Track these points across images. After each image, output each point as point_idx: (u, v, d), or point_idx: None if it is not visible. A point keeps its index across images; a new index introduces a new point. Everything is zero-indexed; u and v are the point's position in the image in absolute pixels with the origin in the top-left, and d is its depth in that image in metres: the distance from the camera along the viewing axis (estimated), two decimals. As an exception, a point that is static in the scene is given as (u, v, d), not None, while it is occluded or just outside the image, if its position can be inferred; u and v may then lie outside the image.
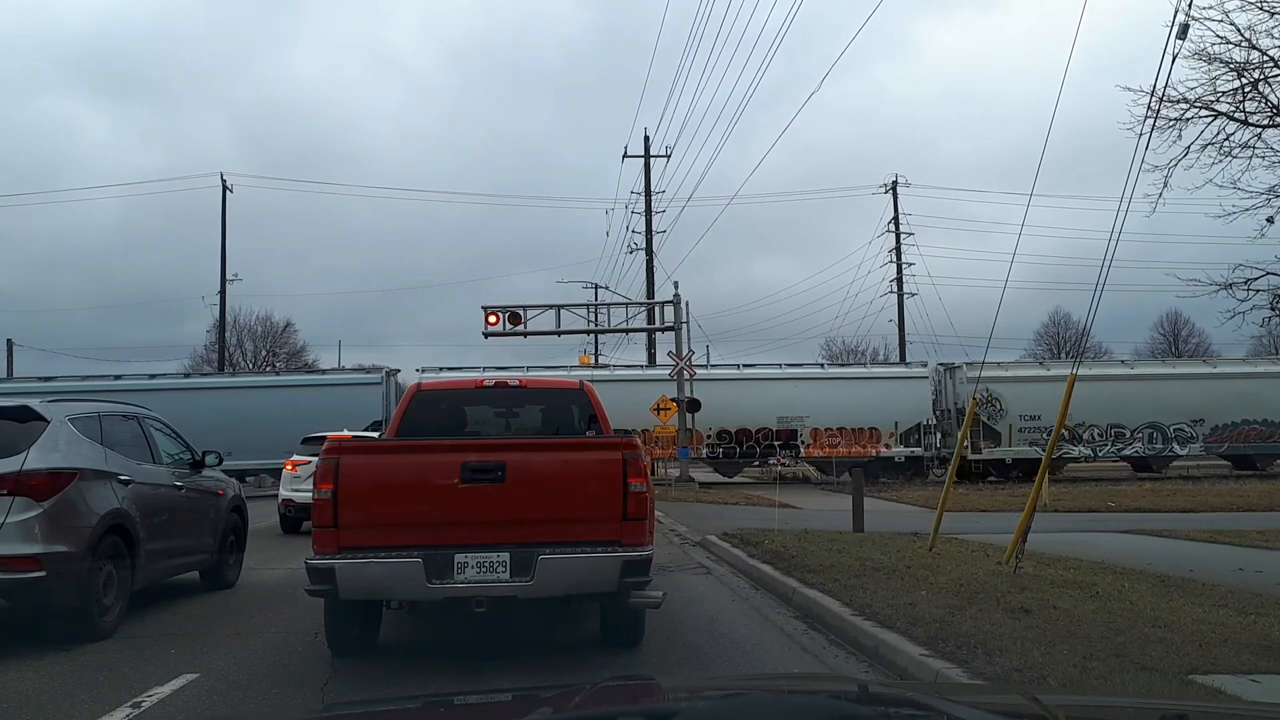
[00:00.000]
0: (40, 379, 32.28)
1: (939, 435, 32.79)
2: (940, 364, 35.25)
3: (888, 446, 32.21)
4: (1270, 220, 15.82)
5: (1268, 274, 16.49)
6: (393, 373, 31.75)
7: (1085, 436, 32.58)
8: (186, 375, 36.96)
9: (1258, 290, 16.53)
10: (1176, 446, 32.83)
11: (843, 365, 36.98)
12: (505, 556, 6.01)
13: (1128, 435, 32.76)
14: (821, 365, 34.52)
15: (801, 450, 32.68)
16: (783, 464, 32.01)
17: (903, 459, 32.37)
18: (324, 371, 34.44)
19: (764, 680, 4.54)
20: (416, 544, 6.02)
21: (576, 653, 6.96)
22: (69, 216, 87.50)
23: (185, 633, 7.66)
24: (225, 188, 43.40)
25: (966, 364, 33.81)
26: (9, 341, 48.29)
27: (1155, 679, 5.20)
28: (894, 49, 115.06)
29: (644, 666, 6.42)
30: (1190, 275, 17.76)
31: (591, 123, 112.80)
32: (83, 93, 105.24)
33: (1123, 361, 38.02)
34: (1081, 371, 34.42)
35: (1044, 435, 32.10)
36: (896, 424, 32.06)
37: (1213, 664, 5.55)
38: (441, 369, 30.54)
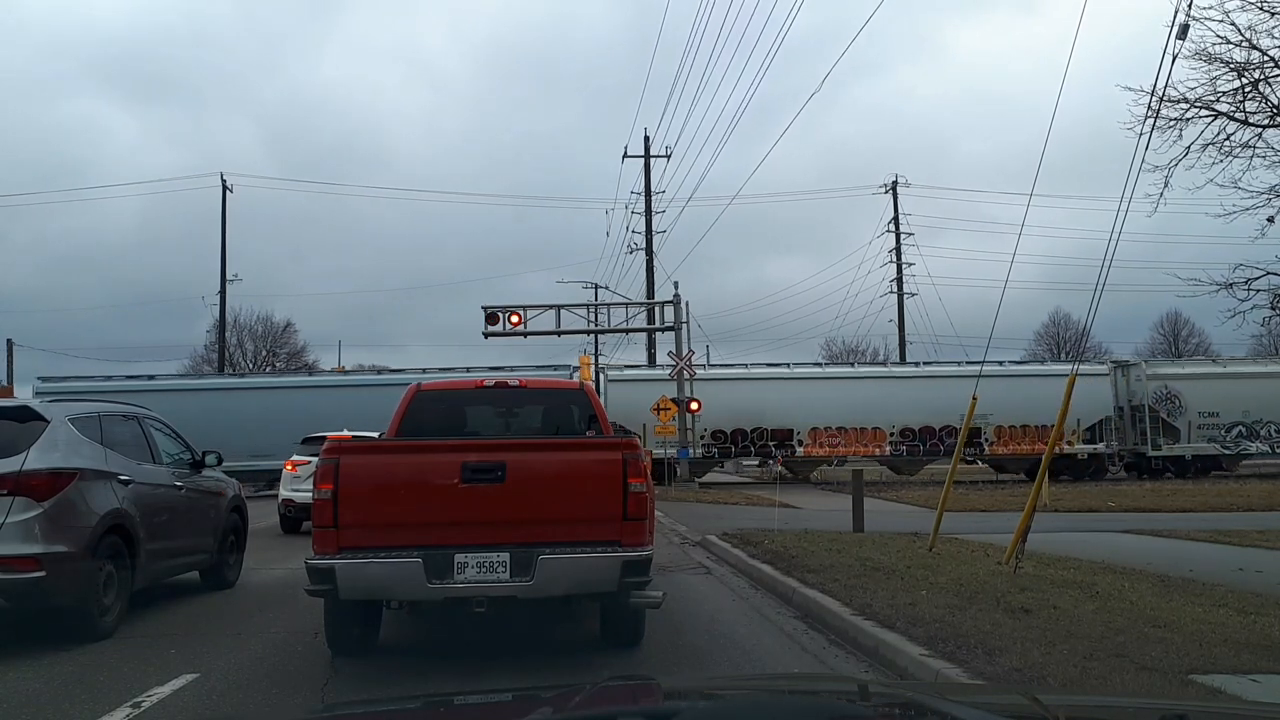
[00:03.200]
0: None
1: (1115, 433, 32.88)
2: (1114, 361, 35.17)
3: (1070, 444, 31.82)
4: (1270, 220, 15.82)
5: (1268, 274, 16.48)
6: (575, 369, 32.21)
7: (1263, 434, 32.71)
8: (379, 372, 37.67)
9: (1258, 290, 16.53)
10: None
11: (1021, 363, 36.97)
12: (505, 556, 6.00)
13: None
14: (1001, 363, 34.37)
15: (985, 448, 32.58)
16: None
17: (1085, 456, 32.47)
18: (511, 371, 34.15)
19: (764, 680, 4.53)
20: (416, 544, 6.01)
21: (576, 653, 6.95)
22: (80, 217, 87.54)
23: (185, 633, 7.66)
24: (225, 188, 43.50)
25: (1145, 360, 33.56)
26: (9, 341, 48.25)
27: (1155, 679, 5.20)
28: (921, 51, 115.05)
29: (644, 666, 6.41)
30: (1191, 275, 17.75)
31: (611, 124, 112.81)
32: (111, 95, 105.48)
33: None
34: (1259, 370, 34.36)
35: (1223, 432, 32.34)
36: (1079, 421, 31.70)
37: (1213, 664, 5.55)
38: (626, 367, 34.45)
